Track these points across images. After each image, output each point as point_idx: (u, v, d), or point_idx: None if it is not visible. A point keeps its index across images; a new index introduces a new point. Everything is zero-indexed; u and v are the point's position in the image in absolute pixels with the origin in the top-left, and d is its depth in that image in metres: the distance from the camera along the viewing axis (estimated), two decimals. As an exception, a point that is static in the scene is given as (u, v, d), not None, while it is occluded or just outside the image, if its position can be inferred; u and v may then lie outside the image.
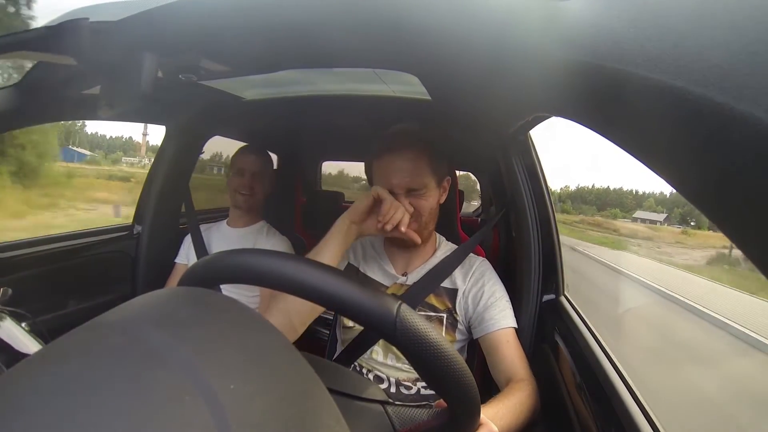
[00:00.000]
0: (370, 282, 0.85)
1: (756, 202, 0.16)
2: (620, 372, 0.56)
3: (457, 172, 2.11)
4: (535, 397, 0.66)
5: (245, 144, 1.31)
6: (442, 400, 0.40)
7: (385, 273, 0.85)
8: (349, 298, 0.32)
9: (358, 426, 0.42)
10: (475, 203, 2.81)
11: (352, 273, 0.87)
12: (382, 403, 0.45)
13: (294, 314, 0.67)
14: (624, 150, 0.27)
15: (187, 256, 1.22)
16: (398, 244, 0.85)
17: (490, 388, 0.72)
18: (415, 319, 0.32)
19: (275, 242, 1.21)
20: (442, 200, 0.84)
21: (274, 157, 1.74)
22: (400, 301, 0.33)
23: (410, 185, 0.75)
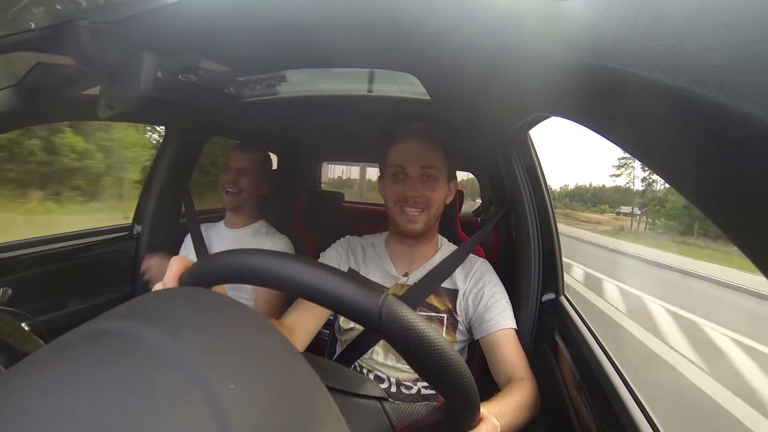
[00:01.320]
0: (370, 284, 0.85)
1: (756, 202, 0.16)
2: (620, 371, 0.56)
3: (465, 174, 2.11)
4: (535, 396, 0.66)
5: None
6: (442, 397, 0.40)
7: (385, 274, 0.85)
8: (333, 290, 0.31)
9: (356, 423, 0.41)
10: (480, 201, 2.82)
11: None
12: (379, 399, 0.45)
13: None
14: (624, 150, 0.27)
15: (186, 257, 1.21)
16: (404, 237, 0.85)
17: (490, 388, 0.72)
18: (401, 308, 0.31)
19: (275, 241, 1.19)
20: (449, 200, 0.86)
21: (273, 157, 1.74)
22: (385, 293, 0.33)
23: (424, 164, 0.80)
